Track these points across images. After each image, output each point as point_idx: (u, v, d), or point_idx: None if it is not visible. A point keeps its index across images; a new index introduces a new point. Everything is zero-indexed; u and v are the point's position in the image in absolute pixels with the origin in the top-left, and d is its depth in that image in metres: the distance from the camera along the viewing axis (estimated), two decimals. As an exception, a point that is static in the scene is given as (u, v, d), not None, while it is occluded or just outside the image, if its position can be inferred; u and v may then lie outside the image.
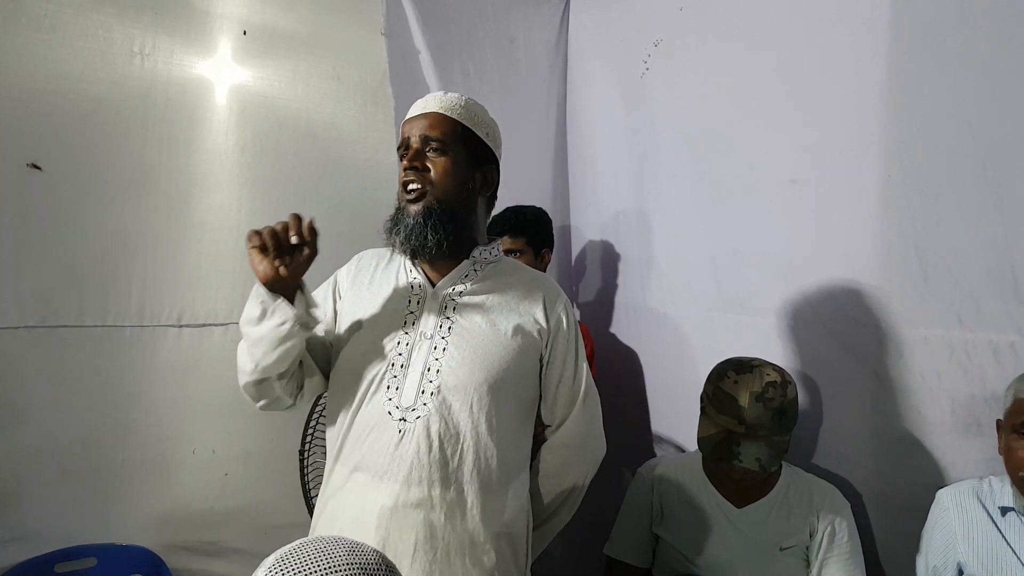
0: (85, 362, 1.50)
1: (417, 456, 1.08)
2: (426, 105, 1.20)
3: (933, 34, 1.35)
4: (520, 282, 1.24)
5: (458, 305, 1.18)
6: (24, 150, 1.43)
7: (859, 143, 1.46)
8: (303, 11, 1.73)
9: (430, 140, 1.16)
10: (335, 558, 0.69)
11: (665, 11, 1.92)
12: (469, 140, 1.19)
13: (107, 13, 1.50)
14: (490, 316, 1.17)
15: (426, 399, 1.11)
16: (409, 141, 1.17)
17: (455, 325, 1.16)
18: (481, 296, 1.19)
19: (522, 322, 1.18)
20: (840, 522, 1.37)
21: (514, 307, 1.20)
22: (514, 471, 1.17)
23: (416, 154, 1.16)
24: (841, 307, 1.49)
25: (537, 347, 1.20)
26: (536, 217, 1.89)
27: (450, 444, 1.10)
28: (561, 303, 1.24)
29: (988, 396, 1.27)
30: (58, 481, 1.48)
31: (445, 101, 1.19)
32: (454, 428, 1.11)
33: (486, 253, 1.24)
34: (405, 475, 1.08)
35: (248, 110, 1.67)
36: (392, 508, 1.08)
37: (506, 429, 1.15)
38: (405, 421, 1.10)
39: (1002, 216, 1.26)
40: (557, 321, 1.22)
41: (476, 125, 1.20)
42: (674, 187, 1.90)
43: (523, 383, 1.19)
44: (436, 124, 1.16)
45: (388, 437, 1.10)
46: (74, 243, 1.49)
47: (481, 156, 1.21)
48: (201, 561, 1.63)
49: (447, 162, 1.16)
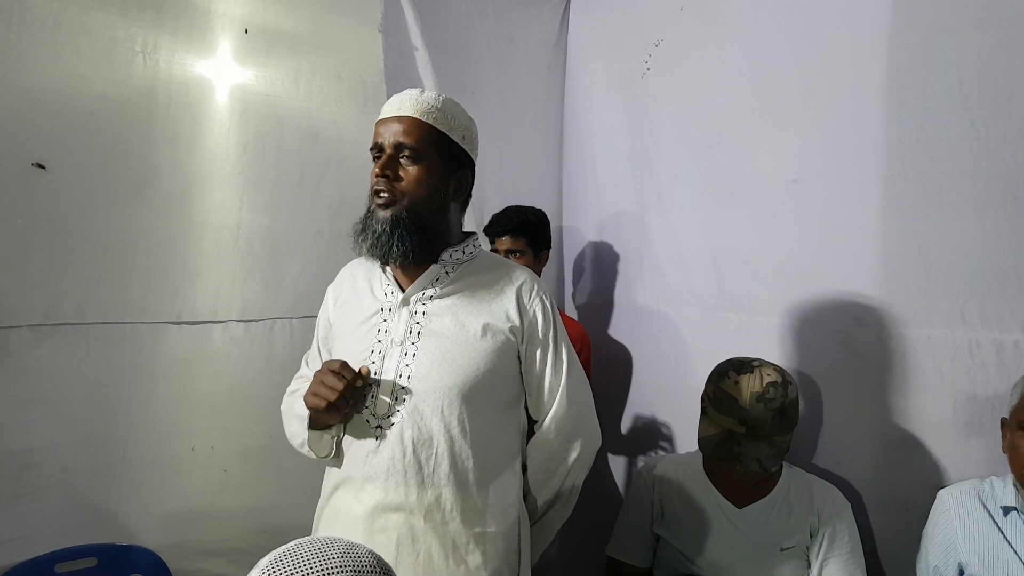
0: (85, 359, 1.50)
1: (392, 462, 1.11)
2: (400, 107, 1.15)
3: (934, 33, 1.35)
4: (494, 279, 1.22)
5: (427, 310, 1.18)
6: (28, 149, 1.43)
7: (861, 143, 1.46)
8: (304, 10, 1.73)
9: (404, 147, 1.13)
10: (329, 560, 0.69)
11: (666, 11, 1.92)
12: (444, 146, 1.16)
13: (110, 12, 1.50)
14: (459, 318, 1.17)
15: (399, 406, 1.13)
16: (382, 145, 1.14)
17: (424, 330, 1.16)
18: (451, 299, 1.19)
19: (493, 321, 1.17)
20: (841, 523, 1.37)
21: (485, 307, 1.18)
22: (494, 470, 1.17)
23: (389, 161, 1.13)
24: (844, 307, 1.49)
25: (512, 345, 1.19)
26: (537, 218, 1.90)
27: (424, 449, 1.11)
28: (536, 296, 1.22)
29: (991, 395, 1.27)
30: (58, 479, 1.48)
31: (421, 104, 1.15)
32: (427, 433, 1.11)
33: (457, 253, 1.22)
34: (383, 480, 1.10)
35: (250, 109, 1.67)
36: (373, 512, 1.10)
37: (481, 429, 1.15)
38: (381, 428, 1.13)
39: (1005, 215, 1.26)
40: (532, 317, 1.20)
41: (452, 129, 1.17)
42: (676, 187, 1.90)
43: (499, 382, 1.18)
44: (411, 130, 1.13)
45: (367, 445, 1.13)
46: (75, 240, 1.49)
47: (456, 161, 1.19)
48: (201, 560, 1.62)
49: (420, 171, 1.13)
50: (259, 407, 1.67)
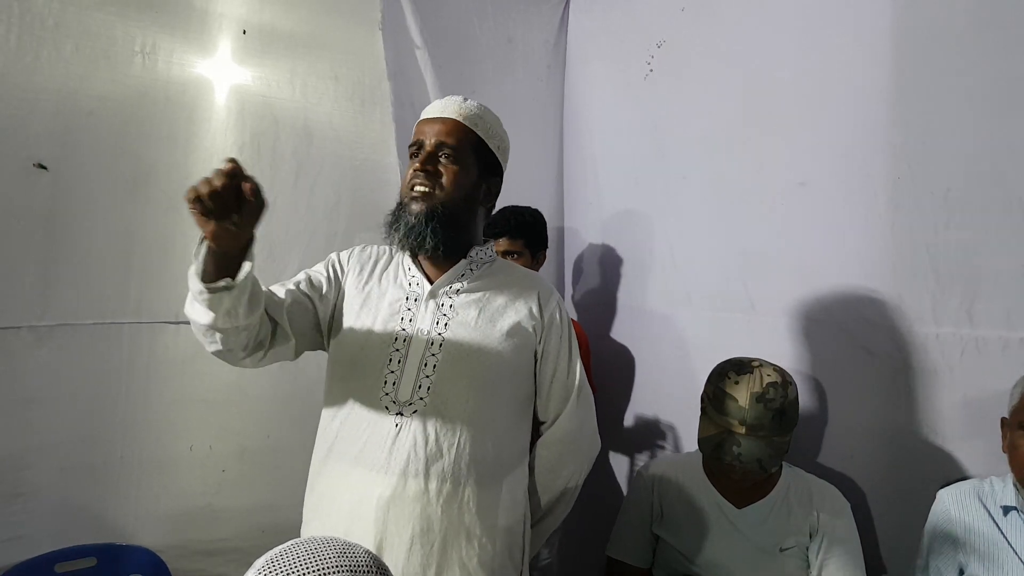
0: (83, 359, 1.50)
1: (414, 450, 1.10)
2: (444, 109, 1.21)
3: (938, 35, 1.36)
4: (514, 281, 1.27)
5: (454, 303, 1.20)
6: (27, 149, 1.44)
7: (867, 145, 1.47)
8: (302, 11, 1.74)
9: (445, 146, 1.18)
10: (326, 559, 0.69)
11: (667, 12, 1.91)
12: (481, 151, 1.22)
13: (109, 12, 1.51)
14: (485, 313, 1.20)
15: (422, 394, 1.13)
16: (423, 142, 1.19)
17: (451, 322, 1.18)
18: (477, 294, 1.22)
19: (517, 319, 1.20)
20: (840, 523, 1.36)
21: (509, 304, 1.22)
22: (509, 466, 1.19)
23: (429, 157, 1.18)
24: (853, 306, 1.50)
25: (531, 343, 1.22)
26: (534, 219, 1.89)
27: (446, 439, 1.11)
28: (554, 301, 1.27)
29: (999, 393, 1.27)
30: (57, 479, 1.48)
31: (464, 109, 1.21)
32: (450, 423, 1.12)
33: (482, 254, 1.26)
34: (402, 468, 1.09)
35: (247, 109, 1.67)
36: (389, 501, 1.09)
37: (501, 424, 1.17)
38: (402, 415, 1.12)
39: (1011, 215, 1.28)
40: (550, 318, 1.24)
41: (490, 137, 1.23)
42: (683, 188, 1.89)
43: (518, 379, 1.21)
44: (453, 131, 1.18)
45: (385, 431, 1.12)
46: (74, 240, 1.49)
47: (490, 168, 1.24)
48: (200, 560, 1.62)
49: (458, 170, 1.18)
50: (257, 407, 1.67)
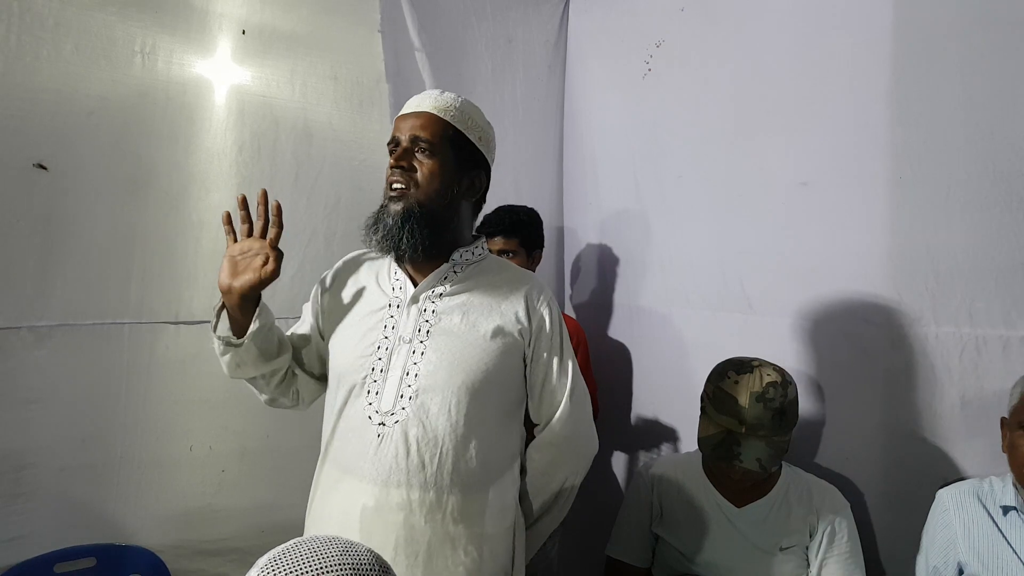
0: (83, 359, 1.50)
1: (395, 460, 1.09)
2: (419, 104, 1.19)
3: (938, 35, 1.36)
4: (503, 281, 1.23)
5: (437, 308, 1.17)
6: (27, 149, 1.44)
7: (868, 145, 1.47)
8: (302, 11, 1.74)
9: (419, 140, 1.15)
10: (328, 558, 0.69)
11: (666, 12, 1.92)
12: (460, 143, 1.18)
13: (109, 12, 1.51)
14: (469, 317, 1.16)
15: (404, 403, 1.11)
16: (399, 139, 1.17)
17: (434, 328, 1.15)
18: (461, 297, 1.19)
19: (502, 322, 1.17)
20: (840, 522, 1.36)
21: (495, 307, 1.18)
22: (496, 472, 1.17)
23: (404, 153, 1.15)
24: (852, 306, 1.50)
25: (519, 347, 1.19)
26: (529, 218, 1.89)
27: (428, 448, 1.10)
28: (544, 300, 1.23)
29: (998, 392, 1.28)
30: (56, 479, 1.48)
31: (440, 101, 1.18)
32: (432, 432, 1.10)
33: (467, 254, 1.23)
34: (384, 478, 1.09)
35: (246, 109, 1.67)
36: (373, 510, 1.09)
37: (487, 431, 1.14)
38: (384, 425, 1.11)
39: (1011, 214, 1.28)
40: (540, 319, 1.20)
41: (469, 128, 1.19)
42: (680, 188, 1.89)
43: (505, 384, 1.18)
44: (427, 125, 1.15)
45: (368, 441, 1.11)
46: (74, 240, 1.49)
47: (471, 160, 1.20)
48: (199, 560, 1.62)
49: (434, 164, 1.15)
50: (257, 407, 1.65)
